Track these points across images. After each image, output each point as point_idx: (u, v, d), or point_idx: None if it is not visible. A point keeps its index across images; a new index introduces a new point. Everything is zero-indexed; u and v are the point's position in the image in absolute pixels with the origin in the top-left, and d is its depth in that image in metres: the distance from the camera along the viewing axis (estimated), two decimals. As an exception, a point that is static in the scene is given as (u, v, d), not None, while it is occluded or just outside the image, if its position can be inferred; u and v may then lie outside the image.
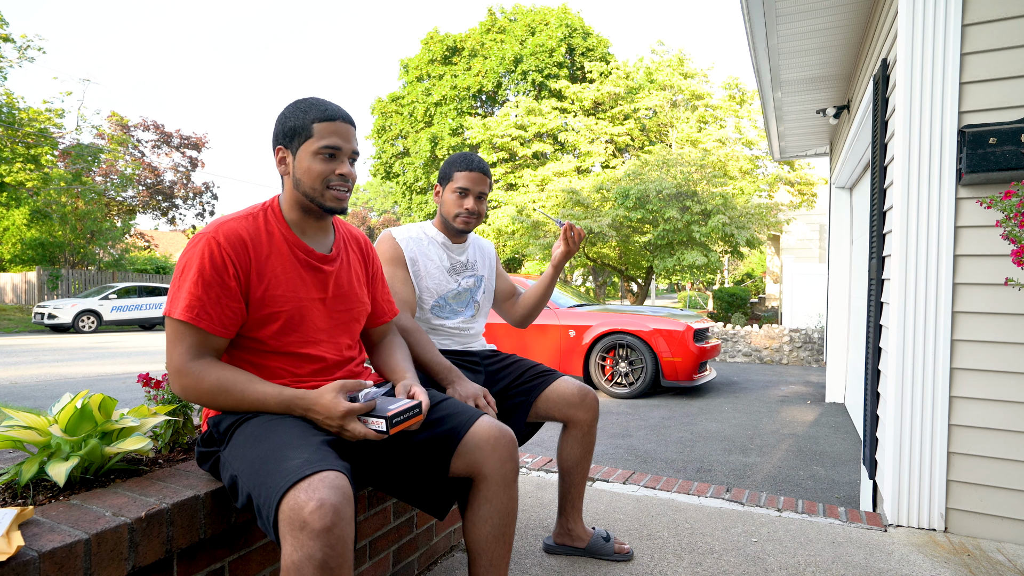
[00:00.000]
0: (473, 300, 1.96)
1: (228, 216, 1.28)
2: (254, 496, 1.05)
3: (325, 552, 0.94)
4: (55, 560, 0.91)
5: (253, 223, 1.28)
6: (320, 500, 0.95)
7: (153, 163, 21.37)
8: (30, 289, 18.54)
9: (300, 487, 0.97)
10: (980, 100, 2.08)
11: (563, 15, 21.83)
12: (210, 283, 1.18)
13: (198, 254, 1.19)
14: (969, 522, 2.13)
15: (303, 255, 1.32)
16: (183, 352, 1.17)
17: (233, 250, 1.21)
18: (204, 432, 1.28)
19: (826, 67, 4.09)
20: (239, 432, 1.18)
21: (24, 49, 16.07)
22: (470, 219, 1.86)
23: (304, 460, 1.03)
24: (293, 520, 0.95)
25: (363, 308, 1.45)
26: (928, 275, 2.16)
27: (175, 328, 1.18)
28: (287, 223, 1.32)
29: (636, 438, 4.23)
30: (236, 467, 1.12)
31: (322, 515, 0.94)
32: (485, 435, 1.32)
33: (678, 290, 34.75)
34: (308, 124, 1.26)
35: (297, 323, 1.29)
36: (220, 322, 1.20)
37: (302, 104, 1.29)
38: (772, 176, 15.28)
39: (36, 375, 6.96)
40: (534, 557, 1.95)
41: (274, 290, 1.26)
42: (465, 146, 21.70)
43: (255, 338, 1.26)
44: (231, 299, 1.21)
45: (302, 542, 0.94)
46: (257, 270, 1.25)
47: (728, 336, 9.35)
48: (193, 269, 1.18)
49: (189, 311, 1.16)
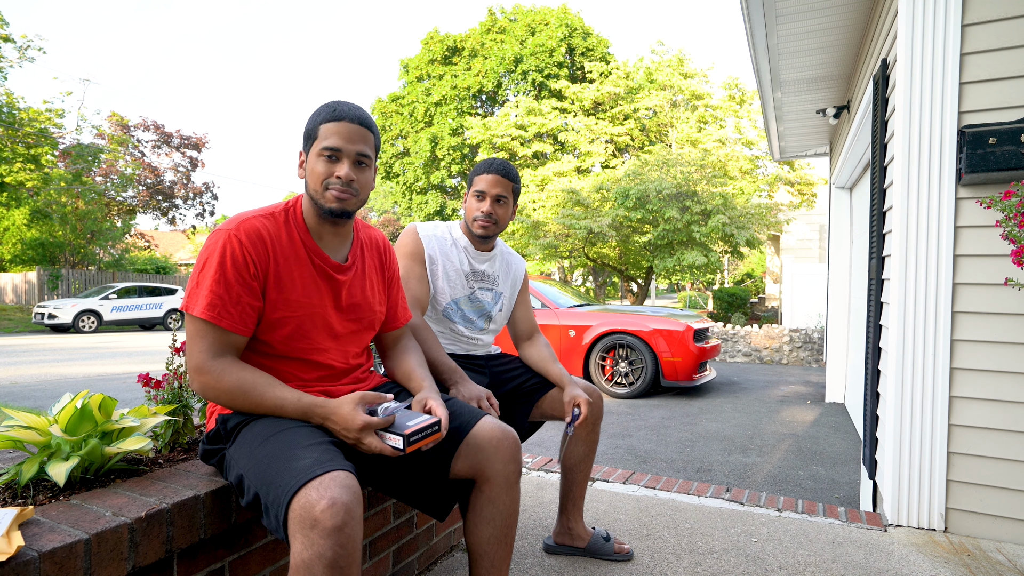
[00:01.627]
0: (487, 315, 1.91)
1: (250, 213, 1.26)
2: (262, 495, 1.05)
3: (335, 551, 0.94)
4: (55, 560, 0.91)
5: (274, 223, 1.26)
6: (332, 499, 0.95)
7: (153, 163, 21.35)
8: (30, 289, 18.54)
9: (311, 486, 0.97)
10: (980, 100, 2.08)
11: (563, 15, 21.83)
12: (231, 281, 1.17)
13: (219, 250, 1.18)
14: (969, 522, 2.13)
15: (319, 262, 1.30)
16: (204, 350, 1.17)
17: (254, 248, 1.20)
18: (211, 429, 1.28)
19: (826, 67, 4.09)
20: (247, 430, 1.18)
21: (24, 49, 16.05)
22: (487, 223, 1.79)
23: (314, 460, 1.03)
24: (304, 518, 0.95)
25: (376, 317, 1.43)
26: (928, 275, 2.16)
27: (196, 326, 1.17)
28: (307, 228, 1.30)
29: (636, 438, 4.23)
30: (243, 465, 1.12)
31: (333, 514, 0.94)
32: (488, 436, 1.31)
33: (678, 290, 34.76)
34: (317, 126, 1.25)
35: (307, 330, 1.28)
36: (241, 320, 1.19)
37: (321, 106, 1.28)
38: (772, 176, 15.27)
39: (36, 375, 6.96)
40: (534, 557, 1.95)
41: (289, 294, 1.25)
42: (465, 146, 21.71)
43: (264, 341, 1.26)
44: (252, 297, 1.20)
45: (313, 540, 0.94)
46: (275, 272, 1.24)
47: (728, 336, 9.35)
48: (214, 266, 1.17)
49: (210, 309, 1.15)
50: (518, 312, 2.01)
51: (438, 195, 23.33)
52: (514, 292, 1.99)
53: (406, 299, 1.70)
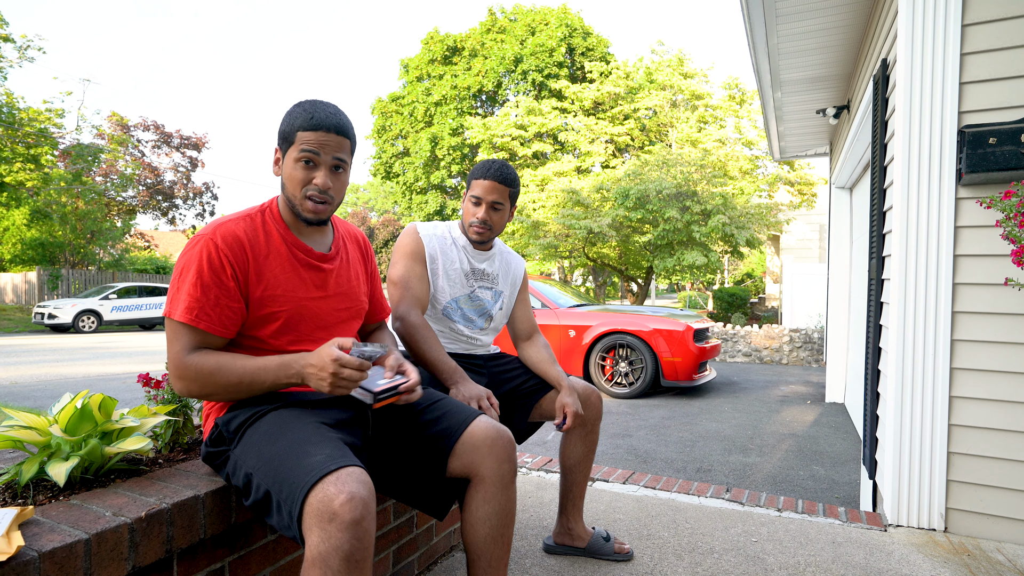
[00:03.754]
0: (487, 314, 1.90)
1: (226, 217, 1.29)
2: (274, 492, 1.06)
3: (352, 544, 0.96)
4: (55, 560, 0.91)
5: (251, 224, 1.29)
6: (351, 493, 0.97)
7: (153, 163, 21.36)
8: (30, 289, 18.54)
9: (329, 480, 0.99)
10: (980, 100, 2.08)
11: (563, 15, 21.84)
12: (208, 284, 1.20)
13: (196, 256, 1.20)
14: (969, 522, 2.13)
15: (302, 255, 1.32)
16: (180, 350, 1.19)
17: (231, 251, 1.22)
18: (211, 433, 1.28)
19: (826, 67, 4.09)
20: (252, 430, 1.19)
21: (24, 49, 16.06)
22: (482, 230, 1.78)
23: (326, 456, 1.04)
24: (323, 512, 0.96)
25: (363, 306, 1.46)
26: (928, 275, 2.16)
27: (175, 329, 1.20)
28: (285, 223, 1.33)
29: (636, 438, 4.23)
30: (251, 464, 1.13)
31: (352, 508, 0.96)
32: (482, 435, 1.31)
33: (678, 290, 34.76)
34: (294, 131, 1.25)
35: (296, 322, 1.30)
36: (220, 322, 1.21)
37: (297, 107, 1.27)
38: (772, 176, 15.27)
39: (36, 375, 6.96)
40: (534, 557, 1.95)
41: (273, 290, 1.27)
42: (465, 146, 21.71)
43: (255, 336, 1.28)
44: (230, 299, 1.22)
45: (331, 534, 0.95)
46: (256, 270, 1.25)
47: (728, 336, 9.35)
48: (192, 271, 1.20)
49: (188, 312, 1.18)
50: (517, 311, 2.01)
51: (438, 195, 23.34)
52: (514, 291, 1.98)
53: (408, 298, 1.71)
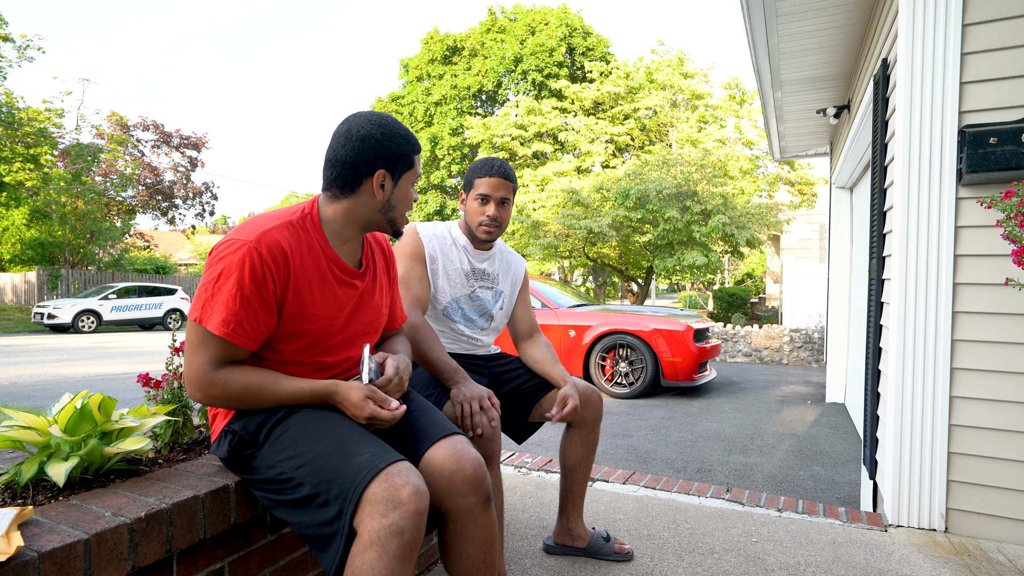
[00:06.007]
0: (488, 314, 1.90)
1: (267, 220, 1.22)
2: (322, 490, 1.09)
3: (412, 533, 1.02)
4: (55, 560, 0.91)
5: (294, 233, 1.22)
6: (415, 485, 1.05)
7: (153, 163, 21.36)
8: (30, 289, 18.53)
9: (391, 473, 1.05)
10: (980, 100, 2.08)
11: (563, 15, 21.84)
12: (249, 298, 1.14)
13: (238, 264, 1.13)
14: (969, 522, 2.13)
15: (339, 271, 1.28)
16: (205, 362, 1.14)
17: (275, 263, 1.17)
18: (228, 437, 1.25)
19: (826, 67, 4.09)
20: (284, 434, 1.17)
21: (24, 49, 16.06)
22: (491, 227, 1.79)
23: (373, 452, 1.10)
24: (388, 500, 1.02)
25: (382, 320, 1.44)
26: (928, 275, 2.16)
27: (204, 338, 1.14)
28: (324, 234, 1.27)
29: (636, 438, 4.23)
30: (287, 466, 1.14)
31: (418, 498, 1.04)
32: (439, 466, 1.19)
33: (678, 290, 34.76)
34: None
35: (321, 340, 1.28)
36: (254, 337, 1.17)
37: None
38: (772, 176, 15.27)
39: (36, 375, 6.96)
40: (534, 557, 1.95)
41: (308, 308, 1.23)
42: (465, 146, 21.71)
43: (276, 349, 1.24)
44: (268, 315, 1.18)
45: (392, 520, 1.01)
46: (295, 285, 1.21)
47: (728, 336, 9.34)
48: (232, 280, 1.13)
49: (225, 326, 1.13)
50: (518, 311, 2.00)
51: (438, 195, 23.34)
52: (514, 291, 1.98)
53: (408, 299, 1.71)
